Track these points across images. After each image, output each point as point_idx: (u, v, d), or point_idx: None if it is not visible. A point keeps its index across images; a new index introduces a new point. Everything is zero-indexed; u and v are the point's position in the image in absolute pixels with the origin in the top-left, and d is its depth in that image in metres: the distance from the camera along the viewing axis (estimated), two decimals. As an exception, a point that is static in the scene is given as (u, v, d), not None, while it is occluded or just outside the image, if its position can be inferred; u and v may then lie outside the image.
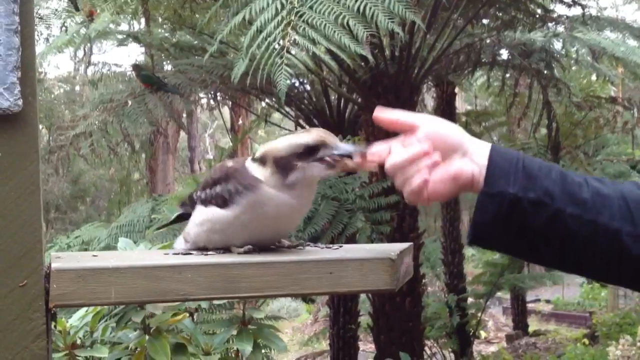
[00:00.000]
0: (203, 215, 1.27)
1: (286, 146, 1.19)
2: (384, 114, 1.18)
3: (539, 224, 1.06)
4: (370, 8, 3.64)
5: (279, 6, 3.73)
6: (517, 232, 1.09)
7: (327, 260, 1.15)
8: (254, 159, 1.23)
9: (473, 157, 1.11)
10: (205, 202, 1.27)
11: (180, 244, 1.36)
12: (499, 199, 1.07)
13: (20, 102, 1.03)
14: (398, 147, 1.14)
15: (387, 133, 1.16)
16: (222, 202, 1.23)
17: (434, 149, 1.12)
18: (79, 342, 2.00)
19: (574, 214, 1.05)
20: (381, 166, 1.17)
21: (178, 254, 1.23)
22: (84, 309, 2.08)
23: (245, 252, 1.20)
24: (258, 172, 1.21)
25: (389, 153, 1.15)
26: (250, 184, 1.20)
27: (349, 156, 1.18)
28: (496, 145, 1.12)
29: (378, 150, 1.16)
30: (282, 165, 1.19)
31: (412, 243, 1.39)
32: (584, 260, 1.10)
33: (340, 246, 1.29)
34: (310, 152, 1.18)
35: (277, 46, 3.61)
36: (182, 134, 16.76)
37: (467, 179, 1.10)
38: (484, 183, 1.09)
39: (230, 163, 1.29)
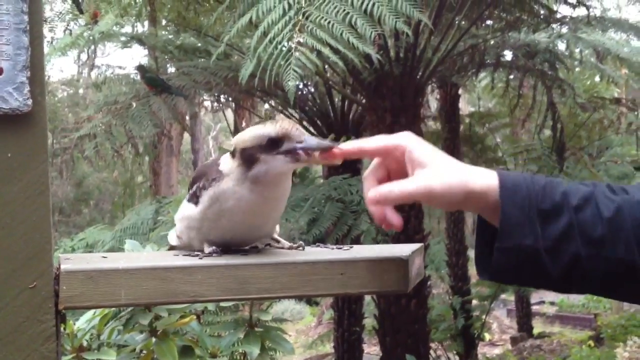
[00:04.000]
0: (182, 212, 1.27)
1: (250, 137, 1.16)
2: (349, 146, 1.13)
3: (557, 270, 1.04)
4: (378, 7, 3.63)
5: (286, 6, 3.72)
6: (534, 277, 1.07)
7: (339, 261, 1.14)
8: (231, 152, 1.21)
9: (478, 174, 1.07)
10: (189, 202, 1.27)
11: (172, 239, 1.37)
12: (515, 253, 1.03)
13: (29, 101, 1.02)
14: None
15: (391, 134, 1.14)
16: (196, 200, 1.23)
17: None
18: (85, 345, 1.99)
19: (590, 254, 1.02)
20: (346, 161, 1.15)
21: (188, 254, 1.22)
22: (91, 311, 2.07)
23: (208, 255, 1.18)
24: (227, 165, 1.20)
25: (355, 148, 1.12)
26: (213, 178, 1.19)
27: (314, 150, 1.13)
28: (504, 183, 1.05)
29: (345, 146, 1.13)
30: (247, 157, 1.16)
31: (422, 244, 1.38)
32: (602, 290, 1.08)
33: (351, 247, 1.28)
34: (274, 144, 1.14)
35: (284, 47, 3.60)
36: (186, 136, 16.77)
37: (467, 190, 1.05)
38: (499, 236, 1.04)
39: (209, 161, 1.29)
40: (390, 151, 1.10)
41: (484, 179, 1.05)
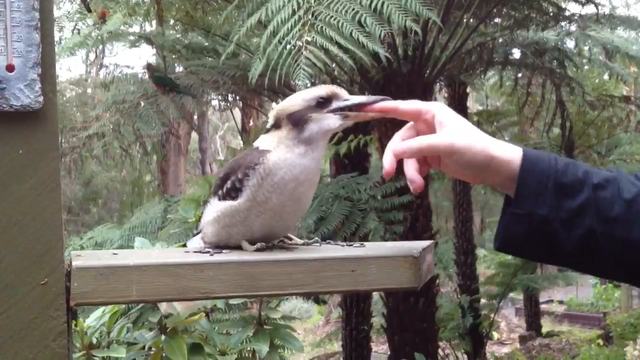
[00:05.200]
0: (218, 212, 1.25)
1: (299, 100, 1.21)
2: (387, 104, 1.19)
3: (570, 242, 1.05)
4: (387, 6, 3.62)
5: (295, 6, 3.72)
6: (547, 249, 1.08)
7: (350, 258, 1.14)
8: (267, 130, 1.24)
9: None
10: (223, 199, 1.25)
11: (195, 244, 1.35)
12: (528, 220, 1.05)
13: (40, 98, 1.02)
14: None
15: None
16: (235, 193, 1.22)
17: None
18: (95, 342, 2.00)
19: (605, 232, 1.03)
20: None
21: (199, 251, 1.21)
22: (101, 309, 2.08)
23: (257, 250, 1.19)
24: (270, 141, 1.22)
25: (392, 107, 1.18)
26: (256, 160, 1.20)
27: (362, 105, 1.20)
28: (527, 154, 1.08)
29: (383, 104, 1.19)
30: (297, 120, 1.19)
31: (433, 241, 1.37)
32: (617, 272, 1.09)
33: (362, 244, 1.28)
34: (322, 104, 1.20)
35: (294, 46, 3.60)
36: (194, 135, 16.80)
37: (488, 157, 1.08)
38: (514, 201, 1.07)
39: (236, 157, 1.29)
40: (422, 114, 1.14)
41: (508, 149, 1.09)
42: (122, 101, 6.39)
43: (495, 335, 12.08)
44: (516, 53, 7.98)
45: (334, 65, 6.59)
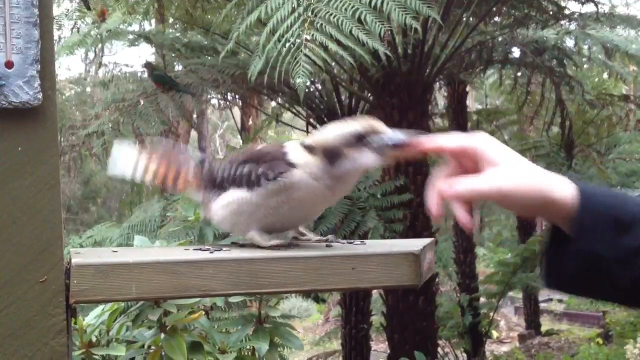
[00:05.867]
0: (229, 197, 1.23)
1: (336, 135, 1.17)
2: (427, 141, 1.12)
3: (626, 281, 1.01)
4: (387, 3, 3.62)
5: (294, 3, 3.72)
6: (601, 287, 1.04)
7: (350, 256, 1.13)
8: (302, 144, 1.21)
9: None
10: (229, 181, 1.23)
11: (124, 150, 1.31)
12: (584, 258, 1.01)
13: (40, 95, 1.02)
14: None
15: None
16: (248, 182, 1.20)
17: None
18: (95, 340, 1.99)
19: None
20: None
21: (198, 248, 1.21)
22: (100, 307, 2.08)
23: (271, 248, 1.18)
24: (301, 157, 1.19)
25: (434, 146, 1.11)
26: (282, 169, 1.18)
27: (400, 145, 1.14)
28: (583, 190, 1.02)
29: (426, 142, 1.12)
30: (331, 154, 1.17)
31: (434, 239, 1.37)
32: None
33: (363, 242, 1.28)
34: (359, 139, 1.15)
35: (293, 44, 3.59)
36: (193, 134, 16.77)
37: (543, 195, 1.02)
38: (570, 241, 1.02)
39: (261, 146, 1.27)
40: (467, 151, 1.08)
41: (562, 186, 1.03)
42: (121, 100, 6.38)
43: (495, 333, 12.08)
44: (516, 52, 7.98)
45: (333, 63, 6.58)
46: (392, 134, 1.15)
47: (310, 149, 1.19)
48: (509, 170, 1.03)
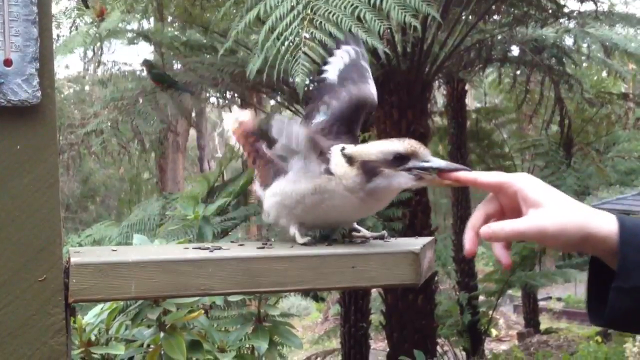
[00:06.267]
0: (277, 187, 1.25)
1: (377, 151, 1.16)
2: (464, 173, 1.13)
3: None
4: (387, 1, 3.61)
5: (294, 1, 3.71)
6: None
7: (351, 254, 1.13)
8: (342, 152, 1.20)
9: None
10: (277, 151, 1.22)
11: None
12: (633, 295, 1.00)
13: (38, 93, 1.01)
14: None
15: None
16: (284, 162, 1.22)
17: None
18: (94, 339, 1.99)
19: None
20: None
21: (199, 247, 1.21)
22: (99, 306, 2.07)
23: (305, 244, 1.20)
24: (340, 167, 1.18)
25: (471, 178, 1.12)
26: (321, 172, 1.19)
27: (440, 171, 1.14)
28: (624, 224, 1.02)
29: (462, 175, 1.13)
30: (369, 169, 1.16)
31: (434, 237, 1.37)
32: None
33: (363, 240, 1.27)
34: (399, 160, 1.15)
35: (292, 42, 3.58)
36: (192, 133, 16.77)
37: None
38: (617, 276, 1.01)
39: (317, 135, 1.25)
40: (504, 188, 1.08)
41: (603, 222, 1.02)
42: (120, 98, 6.38)
43: (494, 332, 12.10)
44: (515, 50, 7.99)
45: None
46: (432, 160, 1.15)
47: (349, 159, 1.18)
48: (551, 211, 1.02)
